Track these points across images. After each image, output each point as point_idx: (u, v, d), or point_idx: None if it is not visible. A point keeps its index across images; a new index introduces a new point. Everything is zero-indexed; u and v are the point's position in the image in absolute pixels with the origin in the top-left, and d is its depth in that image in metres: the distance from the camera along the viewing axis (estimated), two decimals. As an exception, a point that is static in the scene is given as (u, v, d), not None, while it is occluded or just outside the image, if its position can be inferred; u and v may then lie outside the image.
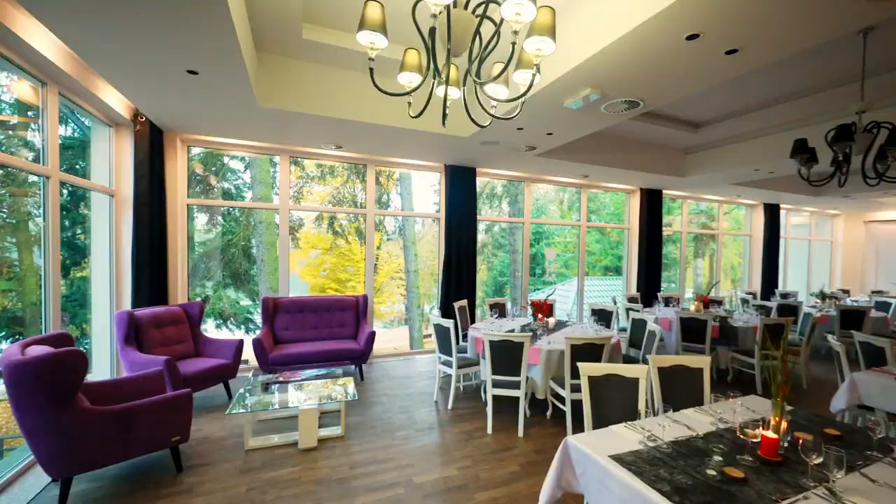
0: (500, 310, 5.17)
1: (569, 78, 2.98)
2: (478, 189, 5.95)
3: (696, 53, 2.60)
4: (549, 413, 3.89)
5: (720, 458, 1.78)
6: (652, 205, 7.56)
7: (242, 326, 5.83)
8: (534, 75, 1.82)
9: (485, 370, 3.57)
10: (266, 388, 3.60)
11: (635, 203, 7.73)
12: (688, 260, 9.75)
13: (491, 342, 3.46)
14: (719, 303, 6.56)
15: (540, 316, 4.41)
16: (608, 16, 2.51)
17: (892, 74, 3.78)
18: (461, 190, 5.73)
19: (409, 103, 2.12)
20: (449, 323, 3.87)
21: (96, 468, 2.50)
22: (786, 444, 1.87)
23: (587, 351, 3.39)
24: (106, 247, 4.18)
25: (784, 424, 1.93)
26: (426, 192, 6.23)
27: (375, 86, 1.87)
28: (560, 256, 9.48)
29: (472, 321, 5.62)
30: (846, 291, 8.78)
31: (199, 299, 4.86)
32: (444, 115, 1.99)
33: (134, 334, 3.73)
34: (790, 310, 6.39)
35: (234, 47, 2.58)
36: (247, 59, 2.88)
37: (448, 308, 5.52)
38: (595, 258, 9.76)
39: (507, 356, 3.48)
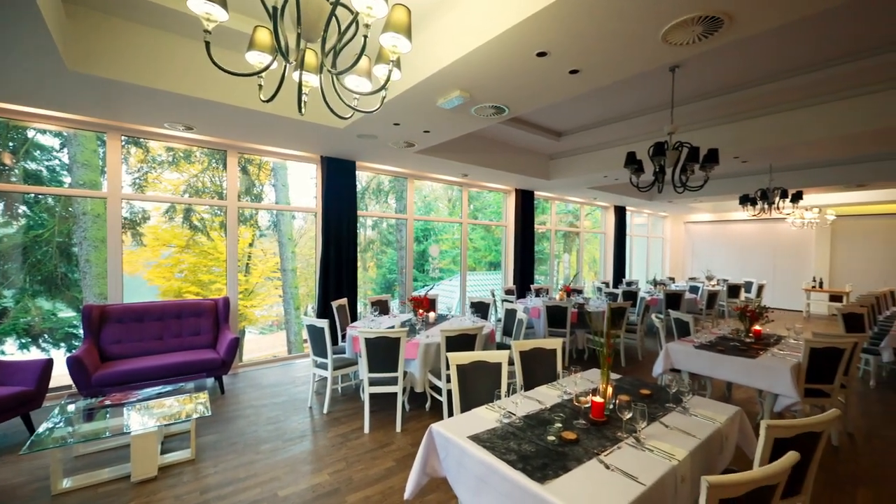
0: (381, 307, 5.11)
1: (438, 78, 3.06)
2: (364, 183, 5.80)
3: (546, 69, 2.88)
4: (427, 405, 3.96)
5: (560, 425, 1.98)
6: (525, 204, 8.27)
7: (63, 344, 4.69)
8: (390, 71, 1.81)
9: (362, 369, 3.47)
10: (89, 414, 2.97)
11: (511, 202, 8.38)
12: (558, 255, 10.92)
13: (367, 340, 3.38)
14: (580, 292, 7.47)
15: (420, 311, 4.47)
16: (472, 24, 2.62)
17: (693, 105, 4.72)
18: (340, 183, 5.51)
19: (260, 86, 1.93)
20: (322, 323, 3.67)
21: None
22: (611, 406, 2.17)
23: (462, 341, 3.53)
24: None
25: (610, 390, 2.25)
26: (306, 184, 5.80)
27: (213, 62, 1.65)
28: (447, 253, 9.80)
29: (354, 320, 5.45)
30: (672, 279, 10.77)
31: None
32: (301, 103, 1.88)
33: None
34: (632, 295, 7.59)
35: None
36: (46, 7, 2.32)
37: (326, 308, 5.26)
38: (481, 254, 10.31)
39: (383, 353, 3.44)
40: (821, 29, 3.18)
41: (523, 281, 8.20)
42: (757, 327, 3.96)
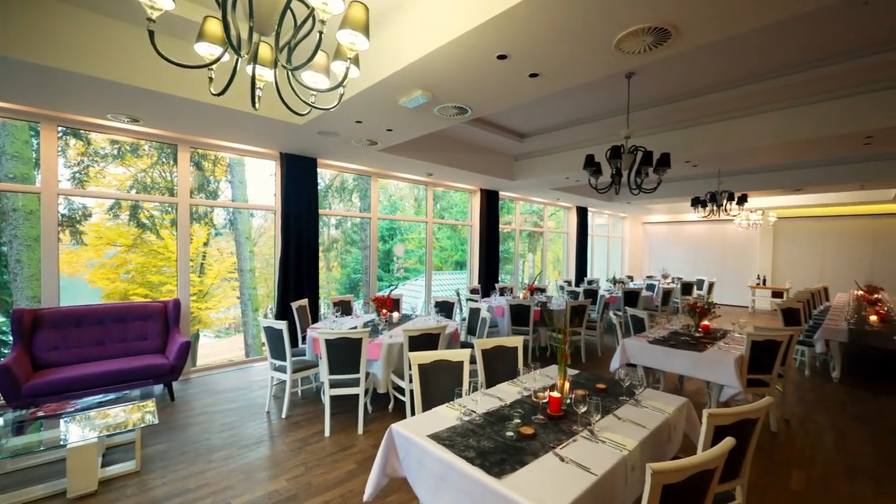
0: (344, 308, 5.01)
1: (400, 77, 3.03)
2: (327, 181, 5.66)
3: (507, 72, 2.92)
4: (391, 406, 3.91)
5: (518, 421, 2.01)
6: (490, 204, 8.37)
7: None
8: (348, 68, 1.78)
9: (323, 371, 3.39)
10: (19, 427, 2.73)
11: (476, 202, 8.45)
12: (522, 254, 11.12)
13: (327, 341, 3.30)
14: (543, 290, 7.63)
15: (384, 311, 4.42)
16: (434, 23, 2.62)
17: (648, 111, 4.94)
18: (300, 181, 5.36)
19: (211, 78, 1.83)
20: (281, 325, 3.56)
21: None
22: (569, 401, 2.22)
23: (425, 341, 3.52)
24: None
25: (567, 385, 2.30)
26: (265, 181, 5.59)
27: (157, 51, 1.56)
28: (413, 252, 9.75)
29: (316, 321, 5.32)
30: (631, 277, 11.22)
31: None
32: (254, 97, 1.81)
33: None
34: (593, 294, 7.83)
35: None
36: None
37: (286, 309, 5.10)
38: (447, 254, 10.33)
39: (344, 354, 3.37)
40: (760, 43, 3.41)
41: (488, 280, 8.29)
42: (705, 322, 4.19)
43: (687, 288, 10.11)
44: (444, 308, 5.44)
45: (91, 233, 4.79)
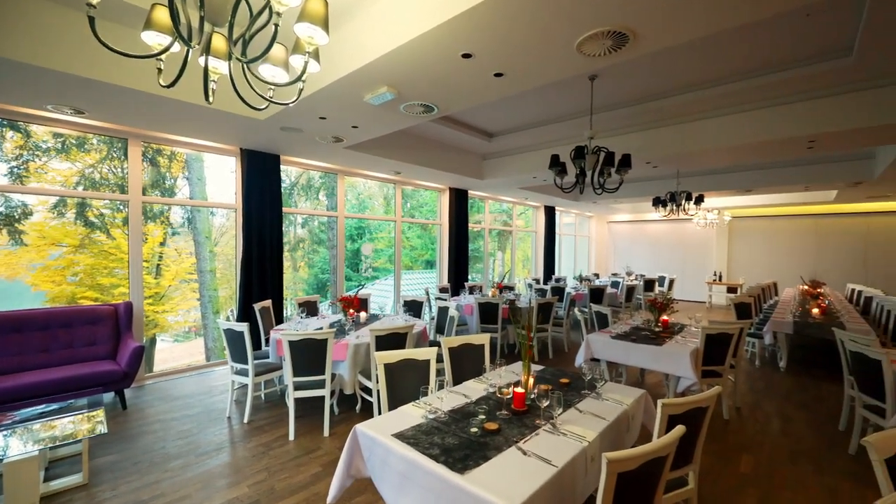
0: (309, 308, 4.90)
1: (365, 72, 2.98)
2: (293, 179, 5.51)
3: (472, 71, 2.93)
4: (358, 407, 3.86)
5: (483, 417, 2.03)
6: (460, 203, 8.40)
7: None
8: (306, 63, 1.73)
9: (287, 373, 3.30)
10: (-54, 443, 2.51)
11: (445, 201, 8.47)
12: (492, 253, 11.24)
13: (290, 342, 3.22)
14: (511, 288, 7.74)
15: (350, 311, 4.35)
16: (399, 19, 2.59)
17: (610, 112, 5.09)
18: (263, 178, 5.19)
19: (160, 69, 1.73)
20: (242, 326, 3.43)
21: None
22: (533, 396, 2.26)
23: (392, 340, 3.49)
24: None
25: (532, 381, 2.34)
26: (226, 178, 5.36)
27: (98, 39, 1.45)
28: (383, 252, 9.65)
29: (280, 323, 5.18)
30: (597, 275, 11.55)
31: None
32: (207, 90, 1.73)
33: None
34: (560, 291, 8.01)
35: None
36: None
37: (248, 311, 4.93)
38: (417, 253, 10.27)
39: (309, 355, 3.29)
40: (714, 50, 3.58)
41: (458, 279, 8.33)
42: (664, 317, 4.36)
43: (649, 285, 10.52)
44: (413, 307, 5.41)
45: (33, 232, 4.45)
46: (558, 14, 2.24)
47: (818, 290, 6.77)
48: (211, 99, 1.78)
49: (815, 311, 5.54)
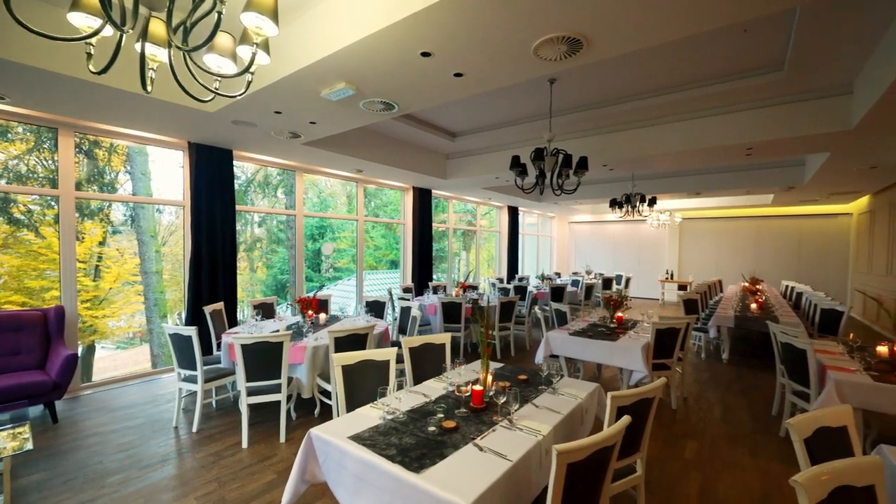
0: (265, 310, 4.72)
1: (322, 67, 2.90)
2: (249, 175, 5.28)
3: (432, 70, 2.93)
4: (317, 411, 3.75)
5: (442, 415, 2.02)
6: (423, 202, 8.38)
7: None
8: (254, 54, 1.66)
9: (240, 378, 3.15)
10: None
11: (409, 200, 8.42)
12: (457, 252, 11.29)
13: (243, 346, 3.08)
14: (475, 288, 7.81)
15: (309, 313, 4.23)
16: (356, 14, 2.54)
17: (569, 116, 5.24)
18: (214, 174, 4.94)
19: (89, 54, 1.60)
20: (189, 330, 3.25)
21: None
22: (491, 393, 2.28)
23: (352, 342, 3.42)
24: None
25: (490, 378, 2.36)
26: (175, 173, 5.03)
27: (14, 17, 1.31)
28: (346, 252, 9.45)
29: (234, 325, 4.95)
30: (559, 274, 11.88)
31: None
32: (144, 79, 1.63)
33: None
34: (522, 290, 8.16)
35: None
36: None
37: (198, 314, 4.68)
38: (382, 252, 10.13)
39: (264, 359, 3.17)
40: (664, 60, 3.77)
41: (422, 279, 8.31)
42: (619, 314, 4.54)
43: (607, 283, 10.94)
44: (375, 308, 5.34)
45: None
46: (514, 18, 2.27)
47: (757, 287, 7.30)
48: (149, 88, 1.68)
49: (754, 306, 5.97)
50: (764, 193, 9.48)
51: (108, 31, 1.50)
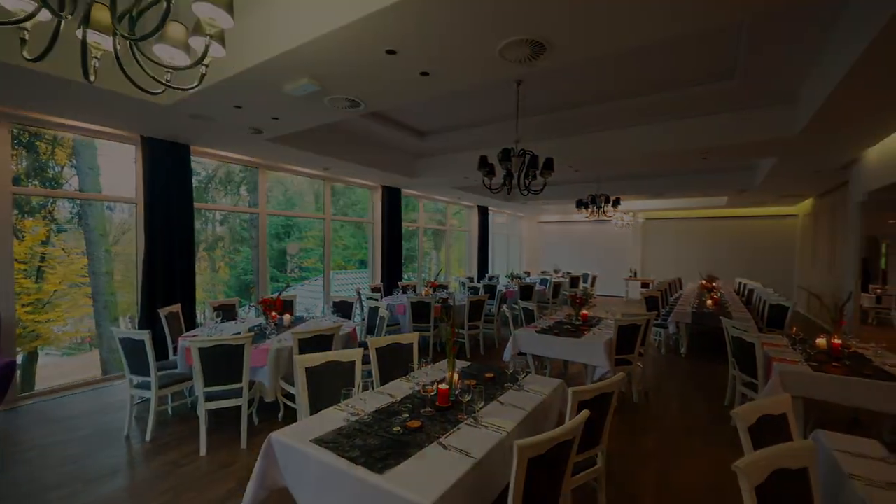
0: (226, 312, 4.54)
1: (284, 61, 2.81)
2: (209, 171, 5.05)
3: (397, 68, 2.90)
4: (280, 415, 3.65)
5: (407, 415, 2.01)
6: (392, 201, 8.31)
7: None
8: (207, 45, 1.59)
9: (197, 383, 3.02)
10: None
11: (377, 199, 8.33)
12: (427, 252, 11.27)
13: (200, 349, 2.95)
14: (445, 287, 7.81)
15: (273, 314, 4.10)
16: (319, 8, 2.47)
17: (536, 117, 5.33)
18: (169, 170, 4.69)
19: (23, 39, 1.48)
20: (142, 334, 3.08)
21: None
22: (457, 392, 2.28)
23: (318, 343, 3.34)
24: None
25: (457, 377, 2.37)
26: (126, 168, 4.73)
27: None
28: (314, 251, 9.24)
29: (193, 328, 4.73)
30: (528, 273, 12.06)
31: None
32: (86, 67, 1.52)
33: None
34: (492, 289, 8.24)
35: None
36: None
37: (153, 316, 4.44)
38: (351, 252, 9.97)
39: (223, 363, 3.05)
40: (625, 66, 3.89)
41: (391, 278, 8.24)
42: (584, 311, 4.66)
43: (574, 282, 11.22)
44: (343, 308, 5.25)
45: None
46: (478, 19, 2.28)
47: (713, 285, 7.68)
48: (92, 77, 1.57)
49: (710, 302, 6.27)
50: (719, 196, 10.01)
51: (46, 15, 1.39)
